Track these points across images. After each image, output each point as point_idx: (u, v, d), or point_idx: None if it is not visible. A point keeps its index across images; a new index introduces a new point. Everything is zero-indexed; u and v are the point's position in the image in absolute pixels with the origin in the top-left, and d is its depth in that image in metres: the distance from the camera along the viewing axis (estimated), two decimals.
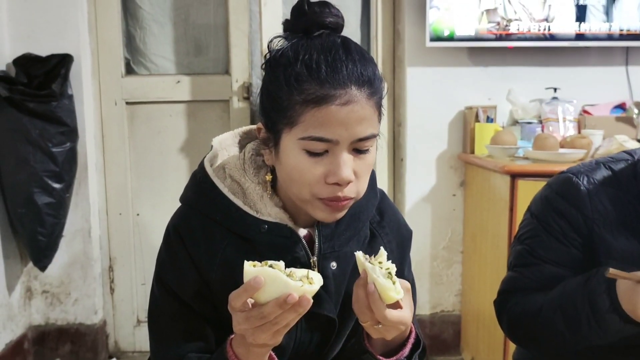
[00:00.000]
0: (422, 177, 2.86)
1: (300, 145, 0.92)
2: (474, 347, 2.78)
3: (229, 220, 0.99)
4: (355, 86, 0.91)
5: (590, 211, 1.14)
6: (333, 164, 0.92)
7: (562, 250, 1.18)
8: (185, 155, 2.90)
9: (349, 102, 0.90)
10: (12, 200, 2.48)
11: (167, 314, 1.03)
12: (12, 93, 2.38)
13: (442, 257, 2.91)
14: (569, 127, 2.69)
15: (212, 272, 1.00)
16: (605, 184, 1.16)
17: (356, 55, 0.93)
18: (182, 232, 1.01)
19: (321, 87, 0.89)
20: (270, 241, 0.98)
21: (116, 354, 2.96)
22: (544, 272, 1.19)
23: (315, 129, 0.90)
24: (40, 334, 2.77)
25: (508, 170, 2.28)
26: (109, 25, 2.81)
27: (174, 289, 1.02)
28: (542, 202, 1.23)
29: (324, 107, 0.89)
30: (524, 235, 1.25)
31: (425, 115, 2.83)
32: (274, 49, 0.97)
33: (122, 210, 2.90)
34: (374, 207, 1.10)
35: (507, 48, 2.78)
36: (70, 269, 2.75)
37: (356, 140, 0.92)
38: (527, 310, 1.18)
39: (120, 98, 2.85)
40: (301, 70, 0.91)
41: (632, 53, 2.84)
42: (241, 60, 2.86)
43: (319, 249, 1.02)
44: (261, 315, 0.83)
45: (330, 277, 1.03)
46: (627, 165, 1.18)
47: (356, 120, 0.91)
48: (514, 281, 1.24)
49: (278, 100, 0.93)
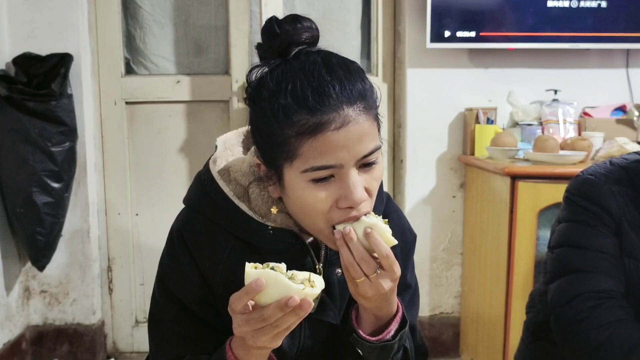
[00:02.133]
0: (422, 178, 2.86)
1: (304, 177, 0.89)
2: (473, 349, 2.77)
3: (234, 225, 0.97)
4: (347, 105, 0.87)
5: (615, 208, 1.13)
6: (343, 188, 0.89)
7: (599, 236, 1.13)
8: (185, 156, 2.89)
9: (345, 123, 0.86)
10: (11, 200, 2.47)
11: (168, 318, 1.02)
12: (12, 92, 2.37)
13: (441, 258, 2.90)
14: (570, 129, 2.68)
15: (215, 277, 0.99)
16: (622, 183, 1.14)
17: (340, 71, 0.89)
18: (186, 236, 1.00)
19: (312, 115, 0.86)
20: (275, 247, 0.97)
21: (114, 354, 2.95)
22: (603, 266, 1.11)
23: (316, 159, 0.87)
24: (38, 334, 2.76)
25: (508, 172, 2.28)
26: (109, 25, 2.81)
27: (175, 293, 1.01)
28: (568, 205, 1.21)
29: (320, 136, 0.86)
30: (564, 238, 1.19)
31: (426, 116, 2.83)
32: (253, 81, 0.93)
33: (121, 210, 2.89)
34: (380, 212, 1.09)
35: (507, 50, 2.77)
36: (69, 269, 2.74)
37: (360, 158, 0.89)
38: (618, 346, 1.06)
39: (120, 98, 2.84)
40: (287, 101, 0.86)
41: (632, 55, 2.84)
42: (241, 60, 2.85)
43: (325, 255, 1.01)
44: (262, 318, 0.82)
45: (335, 283, 1.02)
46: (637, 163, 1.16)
47: (356, 139, 0.88)
48: (578, 284, 1.13)
49: (271, 136, 0.89)
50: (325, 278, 0.98)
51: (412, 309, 1.14)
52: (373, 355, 0.98)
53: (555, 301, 1.15)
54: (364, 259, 0.88)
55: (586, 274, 1.13)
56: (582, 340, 1.09)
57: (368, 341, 0.96)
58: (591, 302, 1.10)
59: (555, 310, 1.15)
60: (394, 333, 0.98)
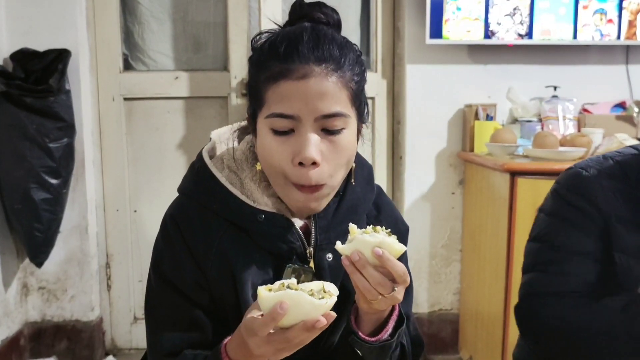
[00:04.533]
0: (421, 175, 2.85)
1: (267, 124, 0.93)
2: (472, 345, 2.77)
3: (226, 209, 0.99)
4: (314, 63, 0.91)
5: (605, 204, 1.12)
6: (297, 143, 0.92)
7: (583, 238, 1.14)
8: (184, 152, 2.88)
9: (306, 75, 0.90)
10: (9, 196, 2.46)
11: (164, 304, 1.02)
12: (10, 88, 2.36)
13: (440, 255, 2.90)
14: (569, 125, 2.68)
15: (208, 260, 0.99)
16: (614, 178, 1.13)
17: (323, 37, 0.93)
18: (179, 221, 1.01)
19: (280, 63, 0.91)
20: (266, 231, 0.98)
21: (113, 351, 2.94)
22: (571, 268, 1.14)
23: (277, 105, 0.91)
24: (36, 331, 2.76)
25: (507, 168, 2.27)
26: (107, 20, 2.80)
27: (170, 278, 1.01)
28: (554, 199, 1.20)
29: (282, 82, 0.90)
30: (541, 232, 1.21)
31: (425, 113, 2.82)
32: (255, 43, 0.99)
33: (120, 206, 2.89)
34: (370, 201, 1.10)
35: (507, 46, 2.77)
36: (67, 265, 2.74)
37: (320, 117, 0.91)
38: (568, 329, 1.12)
39: (118, 94, 2.84)
40: (264, 52, 0.94)
41: (632, 52, 2.84)
42: (240, 56, 2.84)
43: (315, 240, 1.02)
44: (286, 340, 0.81)
45: (325, 268, 1.02)
46: (633, 158, 1.15)
47: (316, 95, 0.90)
48: (540, 282, 1.18)
49: (252, 85, 0.97)
50: (315, 262, 1.01)
51: (407, 299, 1.14)
52: (372, 355, 0.98)
53: (521, 294, 1.20)
54: (381, 283, 0.88)
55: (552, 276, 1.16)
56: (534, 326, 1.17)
57: (367, 342, 0.96)
58: (551, 300, 1.14)
59: (519, 302, 1.21)
60: (392, 331, 0.98)
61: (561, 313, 1.12)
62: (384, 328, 0.97)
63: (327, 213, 1.02)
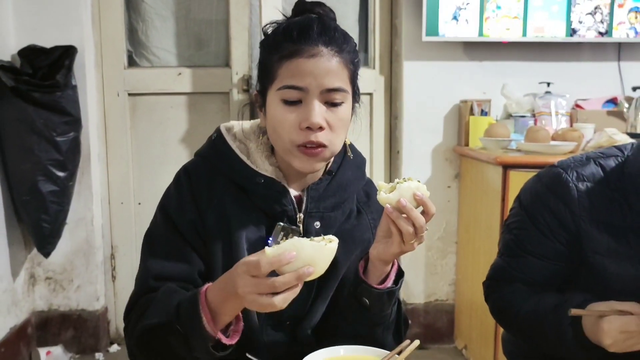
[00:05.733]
0: (417, 169, 2.92)
1: (278, 96, 1.08)
2: (466, 335, 2.85)
3: (232, 170, 1.13)
4: (322, 44, 1.07)
5: (578, 208, 1.17)
6: (305, 111, 1.06)
7: (547, 244, 1.22)
8: (186, 146, 2.96)
9: (315, 55, 1.06)
10: (17, 188, 2.54)
11: (162, 237, 1.14)
12: (18, 83, 2.43)
13: (436, 247, 2.97)
14: (562, 120, 2.75)
15: (208, 210, 1.12)
16: (593, 181, 1.18)
17: (328, 25, 1.10)
18: (191, 174, 1.16)
19: (293, 44, 1.06)
20: (264, 193, 1.12)
21: (117, 339, 3.02)
22: (528, 265, 1.24)
23: (289, 79, 1.06)
24: (43, 320, 2.84)
25: (500, 161, 2.35)
26: (111, 18, 2.87)
27: (172, 217, 1.13)
28: (532, 195, 1.26)
29: (295, 60, 1.06)
30: (513, 224, 1.29)
31: (421, 108, 2.89)
32: (266, 30, 1.14)
33: (124, 199, 2.96)
34: (360, 185, 1.23)
35: (501, 43, 2.83)
36: (73, 256, 2.81)
37: (325, 90, 1.06)
38: (509, 311, 1.25)
39: (123, 89, 2.91)
40: (279, 35, 1.10)
41: (624, 49, 2.90)
42: (241, 53, 2.91)
43: (306, 207, 1.14)
44: (272, 285, 0.88)
45: (313, 233, 1.13)
46: (616, 162, 1.19)
47: (323, 71, 1.06)
48: (501, 271, 1.30)
49: (264, 64, 1.11)
50: (303, 227, 1.14)
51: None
52: (379, 302, 1.09)
53: (487, 275, 1.34)
54: (422, 224, 1.00)
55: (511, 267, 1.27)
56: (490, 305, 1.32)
57: (377, 289, 1.08)
58: (503, 284, 1.28)
59: (484, 281, 1.34)
60: (394, 280, 1.10)
61: (505, 296, 1.25)
62: (387, 278, 1.10)
63: (320, 186, 1.16)
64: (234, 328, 1.00)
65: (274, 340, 1.15)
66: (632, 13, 2.79)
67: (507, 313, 1.26)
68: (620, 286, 1.15)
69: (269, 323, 1.14)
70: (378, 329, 1.14)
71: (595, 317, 1.05)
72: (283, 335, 1.16)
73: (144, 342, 1.05)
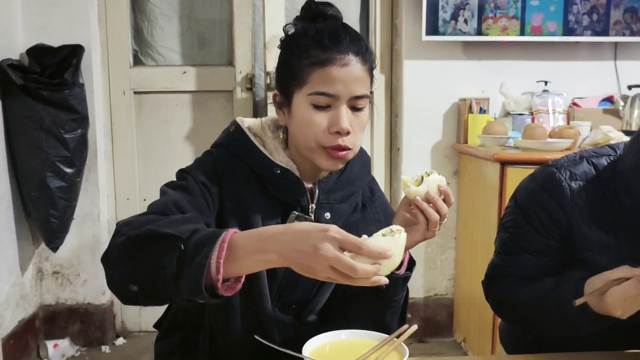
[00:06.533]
0: (417, 166, 2.97)
1: (308, 100, 1.13)
2: (465, 328, 2.90)
3: (251, 158, 1.19)
4: (352, 53, 1.13)
5: (570, 205, 1.22)
6: (335, 117, 1.13)
7: (541, 241, 1.27)
8: (191, 143, 3.02)
9: (347, 64, 1.12)
10: (26, 184, 2.60)
11: (175, 188, 1.13)
12: (27, 81, 2.49)
13: (436, 243, 3.02)
14: (559, 118, 2.80)
15: (227, 194, 1.16)
16: (585, 179, 1.23)
17: (352, 32, 1.16)
18: (215, 157, 1.20)
19: (325, 52, 1.12)
20: (279, 182, 1.18)
21: (123, 333, 3.08)
22: (524, 262, 1.29)
23: (320, 86, 1.12)
24: (50, 313, 2.90)
25: (498, 158, 2.40)
26: (118, 18, 2.93)
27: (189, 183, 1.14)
28: (526, 194, 1.31)
29: (327, 68, 1.11)
30: (508, 222, 1.34)
31: (421, 106, 2.95)
32: (287, 30, 1.19)
33: (130, 195, 3.02)
34: (366, 181, 1.30)
35: (500, 42, 2.89)
36: (80, 251, 2.87)
37: (353, 97, 1.13)
38: (508, 301, 1.30)
39: (129, 88, 2.97)
40: (309, 41, 1.14)
41: (620, 48, 2.96)
42: (244, 52, 2.97)
43: (318, 198, 1.21)
44: (352, 269, 0.86)
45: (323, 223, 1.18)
46: (608, 161, 1.24)
47: (353, 79, 1.12)
48: (498, 268, 1.34)
49: (290, 66, 1.15)
50: (315, 217, 1.20)
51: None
52: (394, 287, 1.15)
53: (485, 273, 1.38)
54: (446, 213, 1.08)
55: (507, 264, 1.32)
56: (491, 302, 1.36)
57: (394, 274, 1.13)
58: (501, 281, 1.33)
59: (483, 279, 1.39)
60: (407, 268, 1.17)
61: (503, 289, 1.30)
62: (401, 266, 1.15)
63: (330, 180, 1.22)
64: (231, 284, 0.94)
65: (280, 321, 1.21)
66: (628, 13, 2.84)
67: (507, 304, 1.30)
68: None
69: (277, 305, 1.20)
70: (388, 313, 1.20)
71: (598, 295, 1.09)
72: (289, 318, 1.22)
73: (132, 246, 0.95)
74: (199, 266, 0.89)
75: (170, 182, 1.18)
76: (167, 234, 0.92)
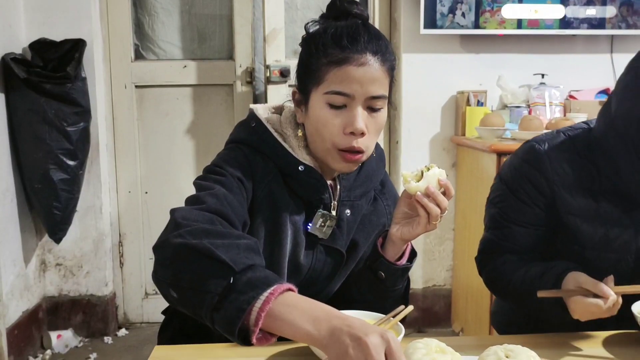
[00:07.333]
0: (416, 158, 3.00)
1: (324, 99, 1.13)
2: (463, 318, 2.94)
3: (275, 155, 1.19)
4: (370, 53, 1.12)
5: (551, 173, 1.29)
6: (350, 117, 1.12)
7: (528, 211, 1.33)
8: (192, 137, 3.05)
9: (364, 64, 1.11)
10: (29, 176, 2.63)
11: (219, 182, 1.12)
12: (30, 75, 2.52)
13: (434, 234, 3.06)
14: (555, 110, 2.84)
15: (259, 186, 1.16)
16: (563, 149, 1.30)
17: (373, 32, 1.15)
18: (245, 152, 1.19)
19: (342, 51, 1.11)
20: (304, 180, 1.19)
21: (125, 324, 3.12)
22: (514, 234, 1.35)
23: (336, 85, 1.12)
24: (54, 305, 2.93)
25: (494, 149, 2.43)
26: (119, 12, 2.96)
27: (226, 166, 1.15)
28: (510, 169, 1.37)
29: (344, 67, 1.11)
30: (496, 199, 1.39)
31: (420, 99, 2.98)
32: (308, 28, 1.20)
33: (132, 188, 3.06)
34: (381, 175, 1.33)
35: (497, 36, 2.92)
36: (83, 243, 2.91)
37: (369, 97, 1.12)
38: (500, 281, 1.35)
39: (130, 82, 3.00)
40: (327, 39, 1.14)
41: (616, 41, 2.99)
42: (244, 46, 3.00)
43: (339, 196, 1.24)
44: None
45: (344, 220, 1.24)
46: (582, 132, 1.32)
47: (369, 79, 1.12)
48: (490, 243, 1.40)
49: (309, 65, 1.16)
50: (337, 214, 1.23)
51: None
52: (394, 277, 1.20)
53: (478, 249, 1.43)
54: (446, 206, 1.11)
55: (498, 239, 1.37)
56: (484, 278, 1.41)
57: (394, 264, 1.19)
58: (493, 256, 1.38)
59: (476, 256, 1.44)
60: (408, 259, 1.21)
61: (497, 268, 1.35)
62: (402, 257, 1.20)
63: (350, 177, 1.25)
64: (265, 335, 0.89)
65: None
66: (624, 7, 2.87)
67: (500, 283, 1.35)
68: (592, 244, 1.27)
69: None
70: (388, 302, 1.23)
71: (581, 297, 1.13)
72: None
73: (186, 255, 0.93)
74: (239, 309, 0.85)
75: (204, 176, 1.15)
76: (222, 259, 0.89)
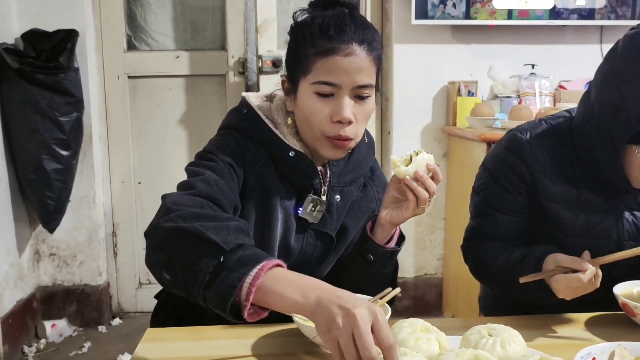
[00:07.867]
0: (407, 148, 2.92)
1: (312, 89, 1.16)
2: (454, 306, 2.97)
3: (267, 141, 1.22)
4: (356, 43, 1.14)
5: (532, 161, 1.32)
6: (337, 106, 1.16)
7: (510, 198, 1.36)
8: (185, 127, 3.06)
9: (350, 54, 1.14)
10: (22, 166, 2.64)
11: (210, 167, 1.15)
12: (22, 65, 2.53)
13: (425, 223, 3.09)
14: (545, 100, 2.86)
15: (250, 171, 1.19)
16: (544, 138, 1.33)
17: (359, 21, 1.17)
18: (237, 138, 1.21)
19: (329, 42, 1.14)
20: (295, 166, 1.22)
21: (119, 313, 3.14)
22: (497, 221, 1.38)
23: (324, 75, 1.15)
24: (48, 294, 2.95)
25: (484, 138, 2.46)
26: (111, 3, 2.96)
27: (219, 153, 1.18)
28: (493, 157, 1.40)
29: (331, 57, 1.14)
30: (480, 187, 1.43)
31: (411, 90, 3.00)
32: (296, 17, 1.21)
33: (125, 178, 3.07)
34: (371, 162, 1.36)
35: (488, 26, 2.94)
36: (76, 233, 2.92)
37: (356, 86, 1.15)
38: (484, 267, 1.38)
39: (123, 72, 3.01)
40: (315, 29, 1.15)
41: (606, 32, 3.01)
42: (237, 37, 3.01)
43: (329, 181, 1.26)
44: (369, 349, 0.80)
45: (334, 205, 1.27)
46: (564, 120, 1.36)
47: (356, 69, 1.14)
48: (474, 231, 1.43)
49: (297, 55, 1.18)
50: (327, 199, 1.26)
51: None
52: (382, 259, 1.22)
53: (464, 237, 1.46)
54: (435, 190, 1.13)
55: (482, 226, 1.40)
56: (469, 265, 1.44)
57: (383, 247, 1.21)
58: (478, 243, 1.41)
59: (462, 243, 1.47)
60: (397, 242, 1.24)
61: (481, 254, 1.38)
62: (391, 240, 1.23)
63: (340, 163, 1.27)
64: (257, 310, 0.91)
65: None
66: None
67: (483, 269, 1.38)
68: (573, 230, 1.30)
69: None
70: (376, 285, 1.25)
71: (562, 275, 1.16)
72: None
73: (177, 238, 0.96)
74: (231, 286, 0.88)
75: (195, 162, 1.19)
76: (213, 240, 0.92)
